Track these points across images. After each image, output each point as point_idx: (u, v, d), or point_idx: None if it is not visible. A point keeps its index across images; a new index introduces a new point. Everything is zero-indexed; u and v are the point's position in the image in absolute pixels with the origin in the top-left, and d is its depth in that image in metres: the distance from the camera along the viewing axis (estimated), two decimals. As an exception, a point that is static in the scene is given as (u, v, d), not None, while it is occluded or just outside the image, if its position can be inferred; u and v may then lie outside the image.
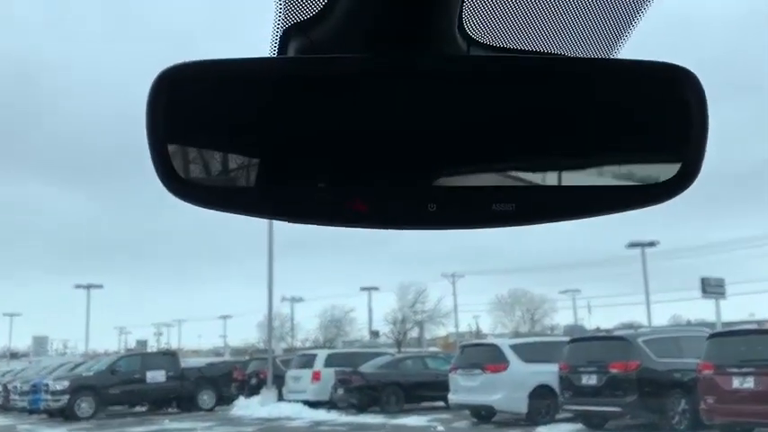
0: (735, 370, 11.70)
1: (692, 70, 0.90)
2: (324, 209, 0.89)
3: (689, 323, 40.51)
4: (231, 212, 0.89)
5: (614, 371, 13.67)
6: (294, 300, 57.95)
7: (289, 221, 0.91)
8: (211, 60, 0.88)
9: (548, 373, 15.12)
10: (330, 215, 0.89)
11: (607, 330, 26.79)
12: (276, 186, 0.93)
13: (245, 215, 0.89)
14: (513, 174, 0.92)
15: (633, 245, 41.42)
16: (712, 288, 32.04)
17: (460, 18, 1.03)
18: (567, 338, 17.52)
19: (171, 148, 0.87)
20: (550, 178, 0.93)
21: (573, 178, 0.93)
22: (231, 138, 0.93)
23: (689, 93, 0.89)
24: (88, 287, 55.15)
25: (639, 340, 14.09)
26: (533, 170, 0.93)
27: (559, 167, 0.93)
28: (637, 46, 1.28)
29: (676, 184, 0.90)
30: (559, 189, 0.93)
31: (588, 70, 0.98)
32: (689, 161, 0.90)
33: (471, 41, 1.08)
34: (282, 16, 1.05)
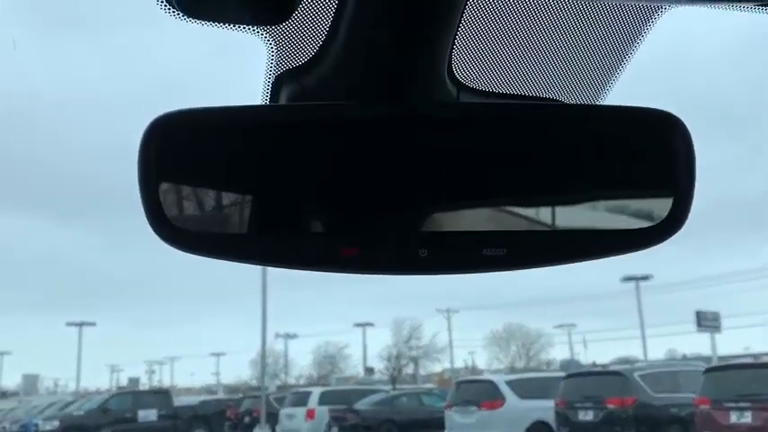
0: (732, 405, 11.61)
1: (678, 116, 0.91)
2: (315, 255, 0.89)
3: (685, 357, 40.32)
4: (223, 259, 0.90)
5: (611, 406, 13.57)
6: (288, 336, 57.53)
7: (280, 267, 0.91)
8: (203, 108, 0.89)
9: (544, 409, 14.99)
10: (321, 261, 0.89)
11: (603, 365, 26.63)
12: (267, 233, 0.93)
13: (237, 261, 0.89)
14: (504, 219, 0.93)
15: (628, 279, 41.41)
16: (708, 322, 31.96)
17: (450, 63, 1.05)
18: (563, 374, 17.40)
19: (162, 195, 0.87)
20: (540, 223, 0.94)
21: (563, 223, 0.94)
22: (222, 185, 0.94)
23: (676, 138, 0.91)
24: (80, 325, 54.64)
25: (636, 375, 14.01)
26: (523, 215, 0.94)
27: (549, 212, 0.94)
28: (627, 84, 1.30)
29: (666, 228, 0.91)
30: (549, 234, 0.94)
31: (577, 116, 1.00)
32: (678, 206, 0.91)
33: (461, 86, 1.10)
34: (275, 63, 1.07)
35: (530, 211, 0.94)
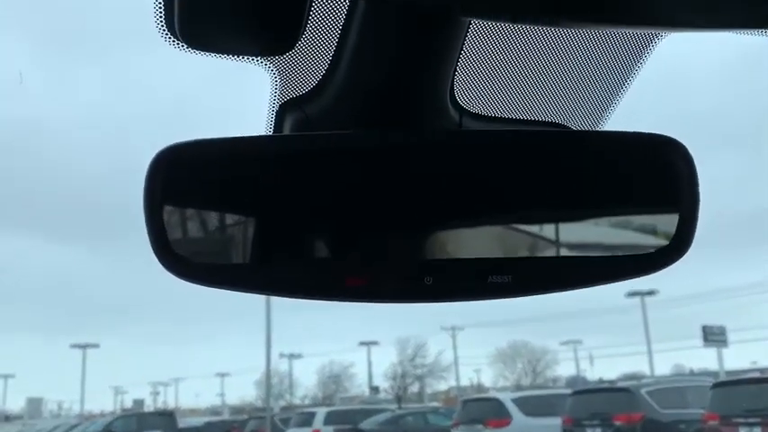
0: (741, 420, 11.52)
1: (680, 141, 0.92)
2: (320, 284, 0.90)
3: (692, 372, 40.09)
4: (229, 289, 0.90)
5: (618, 423, 13.46)
6: (292, 356, 57.35)
7: (285, 297, 0.91)
8: (207, 140, 0.90)
9: (551, 426, 14.87)
10: (327, 290, 0.90)
11: (610, 381, 26.49)
12: (272, 263, 0.94)
13: (243, 291, 0.90)
14: (509, 245, 0.93)
15: (632, 294, 41.27)
16: (714, 336, 31.81)
17: (452, 90, 1.05)
18: (569, 391, 17.30)
19: (168, 226, 0.88)
20: (545, 249, 0.94)
21: (568, 249, 0.94)
22: (227, 215, 0.95)
23: (679, 162, 0.91)
24: (84, 347, 54.56)
25: (643, 391, 13.91)
26: (529, 242, 0.94)
27: (553, 239, 0.94)
28: (629, 105, 1.31)
29: (672, 252, 0.91)
30: (555, 260, 0.94)
31: (580, 142, 1.00)
32: (683, 229, 0.91)
33: (463, 111, 1.11)
34: (278, 92, 1.08)
35: (535, 238, 0.94)
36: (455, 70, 1.02)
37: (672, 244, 0.91)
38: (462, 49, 0.99)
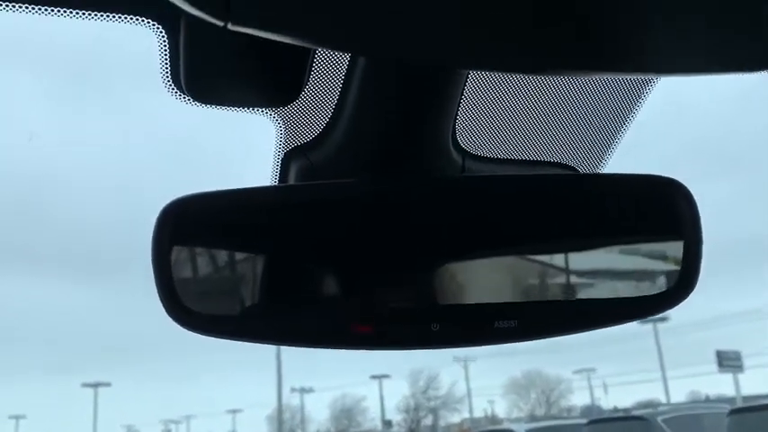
0: (760, 447, 11.33)
1: (682, 182, 0.92)
2: (327, 333, 0.90)
3: (708, 399, 39.52)
4: (236, 340, 0.90)
5: (635, 453, 13.26)
6: (303, 390, 56.93)
7: (292, 346, 0.92)
8: (213, 192, 0.91)
9: (567, 457, 14.69)
10: (334, 339, 0.90)
11: (625, 410, 26.13)
12: (279, 313, 0.95)
13: (252, 342, 0.90)
14: (515, 289, 0.94)
15: (645, 320, 40.89)
16: (729, 362, 31.41)
17: (454, 133, 1.07)
18: (584, 420, 17.08)
19: (176, 279, 0.89)
20: (551, 293, 0.95)
21: (573, 292, 0.95)
22: (235, 266, 0.96)
23: (681, 203, 0.92)
24: (95, 386, 54.36)
25: (659, 419, 13.71)
26: (534, 285, 0.95)
27: (559, 282, 0.95)
28: (632, 140, 1.32)
29: (678, 291, 0.92)
30: (560, 304, 0.94)
31: (583, 186, 1.02)
32: (688, 268, 0.92)
33: (466, 154, 1.12)
34: (283, 140, 1.09)
35: (540, 282, 0.95)
36: (456, 114, 1.03)
37: (677, 283, 0.92)
38: (463, 94, 1.01)
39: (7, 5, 0.83)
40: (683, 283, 0.91)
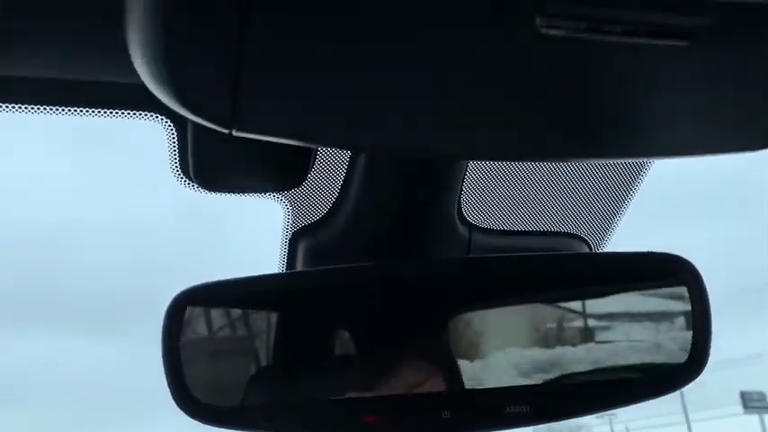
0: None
1: (688, 259, 0.92)
2: (337, 423, 0.90)
3: (735, 442, 38.57)
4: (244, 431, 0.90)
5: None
6: None
7: None
8: (223, 281, 0.92)
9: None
10: (344, 429, 0.90)
11: (649, 456, 25.45)
12: (288, 403, 0.94)
13: None
14: (526, 373, 0.93)
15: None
16: (754, 403, 30.76)
17: (460, 207, 1.08)
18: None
19: (187, 370, 0.89)
20: (563, 376, 0.94)
21: (584, 375, 0.94)
22: (245, 356, 0.96)
23: (688, 279, 0.92)
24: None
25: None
26: (544, 369, 0.94)
27: (570, 364, 0.94)
28: (636, 207, 1.32)
29: (686, 372, 0.91)
30: (571, 386, 0.94)
31: (590, 264, 1.02)
32: (697, 346, 0.91)
33: (472, 227, 1.13)
34: (291, 220, 1.11)
35: (551, 365, 0.94)
36: (461, 190, 1.04)
37: (688, 361, 0.91)
38: (466, 172, 1.02)
39: (15, 107, 0.86)
40: (694, 359, 0.91)
